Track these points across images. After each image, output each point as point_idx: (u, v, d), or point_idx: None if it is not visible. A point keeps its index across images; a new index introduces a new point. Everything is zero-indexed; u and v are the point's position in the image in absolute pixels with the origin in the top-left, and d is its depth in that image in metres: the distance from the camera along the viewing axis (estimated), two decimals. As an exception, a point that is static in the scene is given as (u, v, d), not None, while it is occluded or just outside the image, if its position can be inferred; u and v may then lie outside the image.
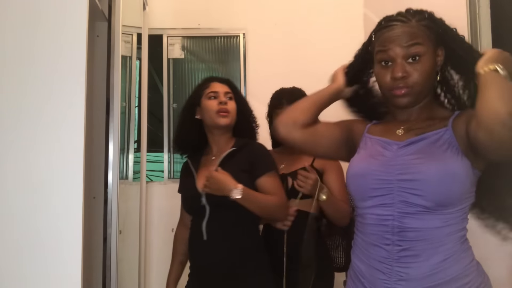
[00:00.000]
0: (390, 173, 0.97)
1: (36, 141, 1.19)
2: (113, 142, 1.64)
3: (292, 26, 2.86)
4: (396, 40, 0.97)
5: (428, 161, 0.93)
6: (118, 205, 1.64)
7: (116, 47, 1.65)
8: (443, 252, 0.92)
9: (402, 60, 0.97)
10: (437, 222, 0.93)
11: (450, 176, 0.91)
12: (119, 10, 1.69)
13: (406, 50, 0.96)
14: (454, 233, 0.94)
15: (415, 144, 0.98)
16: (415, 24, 0.98)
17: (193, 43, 2.96)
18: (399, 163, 0.96)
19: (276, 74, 2.84)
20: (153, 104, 3.00)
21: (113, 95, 1.63)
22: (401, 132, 1.02)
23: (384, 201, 0.97)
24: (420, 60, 0.96)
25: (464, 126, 0.93)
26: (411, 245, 0.93)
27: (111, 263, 1.64)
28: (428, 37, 0.98)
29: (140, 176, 2.55)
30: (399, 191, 0.95)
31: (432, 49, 0.98)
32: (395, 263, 0.94)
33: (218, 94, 1.60)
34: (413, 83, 0.96)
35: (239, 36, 2.91)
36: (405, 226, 0.94)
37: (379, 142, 1.04)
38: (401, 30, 0.98)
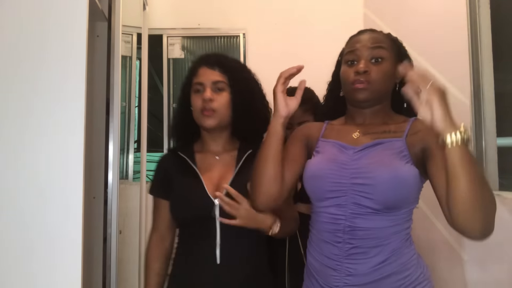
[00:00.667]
0: (345, 177, 1.03)
1: (36, 141, 1.19)
2: (113, 142, 1.64)
3: (292, 26, 2.86)
4: (363, 42, 1.09)
5: (380, 167, 0.99)
6: (118, 205, 1.64)
7: (116, 47, 1.65)
8: (389, 249, 1.00)
9: (367, 59, 1.07)
10: (385, 222, 1.00)
11: (400, 182, 0.97)
12: (119, 10, 1.68)
13: (371, 51, 1.07)
14: (399, 231, 1.02)
15: (369, 149, 1.04)
16: (382, 34, 1.12)
17: (193, 43, 2.96)
18: (354, 167, 1.03)
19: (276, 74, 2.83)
20: (153, 104, 3.00)
21: (113, 95, 1.63)
22: (357, 135, 1.09)
23: (338, 202, 1.04)
24: (382, 62, 1.06)
25: (419, 146, 1.00)
26: (361, 243, 1.01)
27: (111, 263, 1.64)
28: (392, 48, 1.09)
29: (140, 176, 2.55)
30: (352, 193, 1.02)
31: (394, 59, 1.08)
32: (344, 259, 1.01)
33: (204, 87, 1.29)
34: (373, 80, 1.04)
35: (239, 36, 2.91)
36: (356, 226, 1.01)
37: (336, 146, 1.10)
38: (369, 35, 1.11)
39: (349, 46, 1.14)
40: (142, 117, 2.57)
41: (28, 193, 1.18)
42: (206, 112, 1.26)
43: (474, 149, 1.65)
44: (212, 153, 1.34)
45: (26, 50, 1.21)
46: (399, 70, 0.93)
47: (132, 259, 2.46)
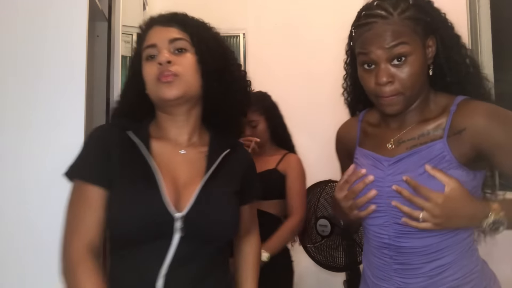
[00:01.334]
0: (382, 196, 0.91)
1: (36, 141, 1.19)
2: (113, 142, 1.64)
3: (292, 26, 2.86)
4: (377, 41, 0.86)
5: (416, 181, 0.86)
6: (118, 205, 1.64)
7: (116, 47, 1.65)
8: (442, 263, 0.89)
9: (386, 63, 0.86)
10: (433, 239, 0.89)
11: None
12: (119, 10, 1.68)
13: (389, 52, 0.85)
14: (455, 244, 0.90)
15: (404, 161, 0.90)
16: (398, 19, 0.86)
17: (193, 43, 2.96)
18: (389, 185, 0.90)
19: (276, 74, 2.84)
20: (153, 104, 3.00)
21: (113, 95, 1.63)
22: (391, 146, 0.94)
23: (379, 222, 0.94)
24: (407, 60, 0.85)
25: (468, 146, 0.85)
26: (408, 260, 0.91)
27: (111, 263, 1.64)
28: (414, 31, 0.86)
29: (140, 176, 2.54)
30: (393, 213, 0.91)
31: (420, 44, 0.87)
32: (393, 273, 0.93)
33: (158, 49, 0.94)
34: (401, 88, 0.86)
35: (239, 36, 2.90)
36: (401, 245, 0.91)
37: (370, 158, 0.97)
38: (382, 29, 0.85)
39: (360, 45, 0.91)
40: (142, 117, 2.56)
41: (28, 193, 1.18)
42: (163, 77, 0.90)
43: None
44: (174, 144, 0.97)
45: (27, 50, 1.21)
46: None
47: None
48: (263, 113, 1.70)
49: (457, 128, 0.86)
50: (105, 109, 1.80)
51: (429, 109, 0.93)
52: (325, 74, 2.89)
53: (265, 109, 1.70)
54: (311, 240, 2.03)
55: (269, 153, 1.74)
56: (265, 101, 1.74)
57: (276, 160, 1.70)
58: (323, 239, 1.95)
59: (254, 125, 1.69)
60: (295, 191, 1.64)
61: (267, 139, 1.73)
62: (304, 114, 2.82)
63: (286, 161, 1.68)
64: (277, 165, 1.68)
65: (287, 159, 1.69)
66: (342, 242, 1.93)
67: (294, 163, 1.67)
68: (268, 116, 1.70)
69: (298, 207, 1.63)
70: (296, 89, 2.83)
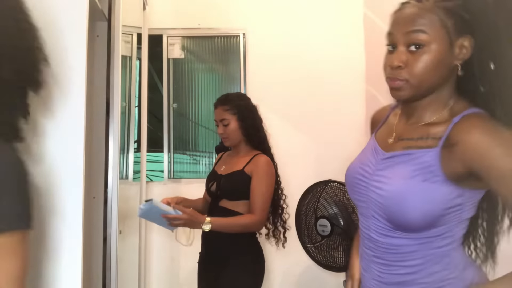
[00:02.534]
0: (368, 189, 0.94)
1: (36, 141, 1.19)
2: (113, 142, 1.64)
3: (292, 26, 2.86)
4: (401, 23, 0.85)
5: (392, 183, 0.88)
6: (118, 205, 1.64)
7: (116, 47, 1.65)
8: (411, 264, 0.90)
9: (404, 47, 0.85)
10: (404, 240, 0.89)
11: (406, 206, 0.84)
12: (119, 10, 1.68)
13: (406, 37, 0.84)
14: (424, 250, 0.89)
15: (394, 159, 0.91)
16: (430, 5, 0.83)
17: (193, 43, 2.96)
18: (375, 179, 0.93)
19: (276, 74, 2.84)
20: (153, 104, 3.00)
21: (113, 95, 1.63)
22: (391, 141, 0.95)
23: (363, 212, 0.97)
24: (424, 50, 0.83)
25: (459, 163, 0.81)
26: (382, 255, 0.93)
27: (111, 263, 1.64)
28: (441, 24, 0.82)
29: (140, 176, 2.55)
30: (372, 207, 0.93)
31: (446, 40, 0.83)
32: (372, 264, 0.96)
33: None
34: (409, 75, 0.84)
35: (239, 36, 2.91)
36: (378, 239, 0.93)
37: (373, 145, 0.99)
38: (409, 11, 0.84)
39: (390, 25, 0.90)
40: (142, 117, 2.57)
41: (28, 193, 1.18)
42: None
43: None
44: None
45: (26, 50, 1.21)
46: None
47: (132, 259, 2.46)
48: (236, 113, 1.77)
49: (451, 141, 0.83)
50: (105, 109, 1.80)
51: (441, 113, 0.90)
52: (325, 74, 2.90)
53: (238, 110, 1.77)
54: (311, 240, 2.03)
55: (242, 153, 1.81)
56: (240, 102, 1.80)
57: (245, 161, 1.76)
58: (323, 239, 1.95)
59: (226, 124, 1.76)
60: (257, 192, 1.69)
61: (239, 138, 1.79)
62: (304, 114, 2.82)
63: (254, 162, 1.74)
64: (244, 166, 1.75)
65: (255, 160, 1.75)
66: (342, 242, 1.93)
67: (261, 164, 1.73)
68: (240, 116, 1.77)
69: (257, 208, 1.68)
70: (296, 89, 2.83)
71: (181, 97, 2.94)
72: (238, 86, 2.93)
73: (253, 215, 1.68)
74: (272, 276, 2.64)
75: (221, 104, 1.79)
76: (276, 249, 1.89)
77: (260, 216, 1.69)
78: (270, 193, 1.74)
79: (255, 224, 1.71)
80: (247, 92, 2.85)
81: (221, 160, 1.92)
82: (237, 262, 1.71)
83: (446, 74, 0.86)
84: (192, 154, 2.98)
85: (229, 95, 1.84)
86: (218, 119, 1.79)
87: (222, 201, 1.75)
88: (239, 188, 1.73)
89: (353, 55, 2.79)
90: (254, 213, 1.68)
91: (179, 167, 2.95)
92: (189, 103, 2.95)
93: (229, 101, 1.78)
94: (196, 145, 2.97)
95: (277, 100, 2.83)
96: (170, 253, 2.74)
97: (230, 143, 1.82)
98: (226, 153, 1.93)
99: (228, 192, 1.74)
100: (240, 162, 1.78)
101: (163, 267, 2.74)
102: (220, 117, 1.78)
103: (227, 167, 1.81)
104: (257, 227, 1.74)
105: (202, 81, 2.97)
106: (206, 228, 1.61)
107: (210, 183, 1.83)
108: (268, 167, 1.74)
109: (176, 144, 2.93)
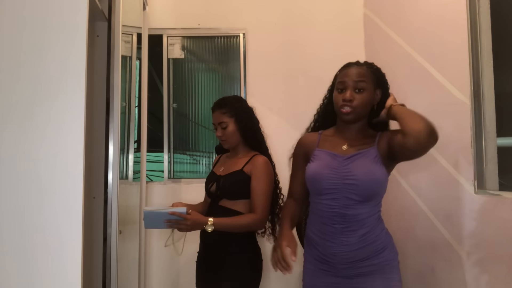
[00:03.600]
0: (338, 178, 1.43)
1: (36, 141, 1.19)
2: (113, 142, 1.64)
3: (292, 26, 2.86)
4: (351, 75, 1.44)
5: (362, 171, 1.40)
6: (118, 205, 1.64)
7: (116, 47, 1.65)
8: (367, 227, 1.42)
9: (352, 89, 1.43)
10: (365, 209, 1.42)
11: (375, 181, 1.40)
12: (119, 10, 1.69)
13: (355, 84, 1.43)
14: (373, 214, 1.44)
15: (354, 157, 1.44)
16: (365, 69, 1.46)
17: (193, 43, 2.96)
18: (344, 171, 1.43)
19: (276, 74, 2.84)
20: (153, 104, 3.00)
21: (113, 95, 1.63)
22: (345, 148, 1.48)
23: (333, 196, 1.43)
24: (363, 92, 1.43)
25: (386, 143, 1.42)
26: (350, 224, 1.41)
27: (111, 263, 1.64)
28: (372, 79, 1.45)
29: (140, 176, 2.55)
30: (344, 190, 1.41)
31: (373, 88, 1.45)
32: (339, 235, 1.42)
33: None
34: (355, 105, 1.42)
35: (239, 36, 2.91)
36: (346, 213, 1.41)
37: (330, 154, 1.49)
38: (356, 69, 1.45)
39: (340, 76, 1.49)
40: (142, 117, 2.58)
41: (28, 193, 1.18)
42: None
43: (474, 149, 1.65)
44: None
45: (27, 50, 1.21)
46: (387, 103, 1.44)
47: (132, 259, 2.46)
48: (233, 115, 1.80)
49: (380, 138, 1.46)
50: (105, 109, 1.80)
51: (366, 132, 1.51)
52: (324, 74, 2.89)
53: (235, 112, 1.81)
54: (311, 240, 2.03)
55: (241, 154, 1.85)
56: (236, 105, 1.83)
57: (244, 162, 1.79)
58: (323, 239, 1.96)
59: (224, 127, 1.80)
60: (257, 191, 1.73)
61: (238, 140, 1.83)
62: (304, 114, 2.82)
63: (252, 162, 1.77)
64: (243, 166, 1.78)
65: (254, 160, 1.78)
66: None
67: (259, 165, 1.76)
68: (238, 119, 1.81)
69: (258, 207, 1.71)
70: (296, 89, 2.83)
71: (181, 97, 2.94)
72: (238, 86, 2.93)
73: (254, 214, 1.71)
74: (272, 275, 2.64)
75: (218, 107, 1.81)
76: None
77: (262, 215, 1.72)
78: (270, 192, 1.77)
79: (257, 223, 1.73)
80: (247, 92, 2.86)
81: (219, 162, 1.93)
82: (235, 260, 1.72)
83: (368, 108, 1.47)
84: (192, 154, 2.98)
85: (225, 98, 1.87)
86: (216, 122, 1.82)
87: (222, 201, 1.77)
88: (238, 187, 1.75)
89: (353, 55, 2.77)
90: (255, 212, 1.71)
91: (179, 167, 2.95)
92: (189, 103, 2.95)
93: (226, 104, 1.80)
94: (196, 145, 2.97)
95: (277, 100, 2.83)
96: (170, 253, 2.74)
97: (229, 145, 1.84)
98: (224, 155, 1.94)
99: (228, 191, 1.76)
100: (239, 163, 1.80)
101: (163, 267, 2.74)
102: (218, 120, 1.81)
103: (225, 168, 1.83)
104: (258, 226, 1.76)
105: (202, 81, 2.97)
106: (209, 229, 1.64)
107: (209, 184, 1.84)
108: (267, 167, 1.77)
109: (176, 144, 2.93)
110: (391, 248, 1.48)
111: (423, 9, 2.08)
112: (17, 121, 1.20)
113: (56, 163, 1.20)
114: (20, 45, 1.21)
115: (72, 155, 1.20)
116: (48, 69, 1.21)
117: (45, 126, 1.20)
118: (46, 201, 1.18)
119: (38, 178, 1.19)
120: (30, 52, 1.21)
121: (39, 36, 1.22)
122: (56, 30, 1.22)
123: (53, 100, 1.21)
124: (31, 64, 1.21)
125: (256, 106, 1.94)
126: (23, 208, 1.18)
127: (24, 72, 1.21)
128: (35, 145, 1.19)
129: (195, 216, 1.65)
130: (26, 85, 1.20)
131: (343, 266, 1.43)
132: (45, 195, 1.19)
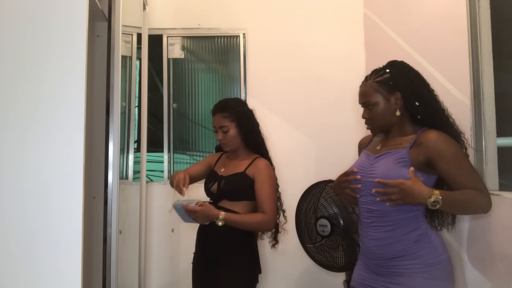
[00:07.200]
0: (366, 176, 1.49)
1: (36, 141, 1.19)
2: (113, 142, 1.64)
3: (292, 26, 2.86)
4: (360, 96, 1.53)
5: (381, 169, 1.44)
6: (118, 205, 1.64)
7: (116, 47, 1.65)
8: (394, 224, 1.43)
9: (365, 107, 1.52)
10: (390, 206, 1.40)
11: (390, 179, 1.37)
12: (119, 10, 1.69)
13: (363, 104, 1.52)
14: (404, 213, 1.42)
15: (382, 157, 1.48)
16: (370, 83, 1.49)
17: (193, 43, 2.96)
18: (370, 170, 1.49)
19: (276, 74, 2.84)
20: (153, 104, 3.01)
21: (113, 95, 1.63)
22: (379, 148, 1.53)
23: (362, 193, 1.50)
24: (373, 108, 1.48)
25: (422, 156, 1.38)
26: (376, 219, 1.47)
27: (111, 263, 1.64)
28: (378, 91, 1.47)
29: (140, 176, 2.55)
30: (369, 187, 1.46)
31: (384, 98, 1.46)
32: (369, 228, 1.49)
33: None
34: (371, 122, 1.52)
35: (239, 36, 2.91)
36: (372, 208, 1.47)
37: (366, 154, 1.57)
38: (360, 90, 1.53)
39: None
40: (142, 117, 2.58)
41: (28, 193, 1.18)
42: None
43: (474, 149, 1.65)
44: None
45: (26, 50, 1.21)
46: None
47: (132, 259, 2.47)
48: (234, 119, 1.80)
49: (418, 143, 1.42)
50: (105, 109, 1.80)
51: (404, 132, 1.50)
52: (324, 74, 2.90)
53: (236, 116, 1.80)
54: (311, 240, 2.03)
55: (242, 157, 1.85)
56: (237, 108, 1.83)
57: (246, 164, 1.79)
58: (323, 239, 1.95)
59: (226, 131, 1.79)
60: (263, 193, 1.74)
61: (238, 144, 1.83)
62: (304, 114, 2.82)
63: (254, 165, 1.78)
64: (246, 169, 1.78)
65: (256, 163, 1.79)
66: (342, 242, 1.93)
67: (261, 167, 1.77)
68: (239, 123, 1.80)
69: (267, 208, 1.72)
70: (296, 89, 2.83)
71: (181, 97, 2.94)
72: (238, 86, 2.93)
73: (264, 214, 1.72)
74: (271, 275, 2.64)
75: (220, 111, 1.80)
76: (276, 249, 1.90)
77: (271, 216, 1.73)
78: (275, 193, 1.80)
79: (267, 223, 1.74)
80: (247, 92, 2.86)
81: (220, 161, 1.92)
82: (232, 261, 1.72)
83: (392, 116, 1.48)
84: (192, 154, 2.98)
85: (227, 101, 1.85)
86: (217, 125, 1.81)
87: (222, 201, 1.77)
88: (241, 189, 1.75)
89: (353, 55, 2.79)
90: (266, 214, 1.72)
91: (179, 167, 2.95)
92: (189, 103, 2.95)
93: (228, 108, 1.79)
94: (196, 145, 2.97)
95: (277, 100, 2.83)
96: (170, 252, 2.74)
97: (229, 149, 1.84)
98: (224, 155, 1.94)
99: (229, 193, 1.76)
100: (240, 165, 1.80)
101: (163, 267, 2.74)
102: (219, 124, 1.80)
103: (227, 169, 1.83)
104: (268, 226, 1.77)
105: (202, 81, 2.97)
106: (220, 223, 1.67)
107: (210, 183, 1.83)
108: (269, 170, 1.79)
109: (176, 144, 2.93)
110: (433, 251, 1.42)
111: (423, 9, 2.08)
112: (17, 121, 1.19)
113: (56, 163, 1.19)
114: (20, 45, 1.21)
115: (72, 155, 1.20)
116: (48, 69, 1.21)
117: (45, 126, 1.20)
118: (46, 201, 1.18)
119: (38, 178, 1.19)
120: (30, 52, 1.21)
121: (39, 36, 1.22)
122: (56, 30, 1.22)
123: (53, 100, 1.21)
124: (31, 64, 1.21)
125: (256, 106, 1.94)
126: (23, 208, 1.18)
127: (24, 72, 1.21)
128: (35, 145, 1.19)
129: (206, 209, 1.67)
130: (26, 85, 1.20)
131: (376, 261, 1.47)
132: (45, 195, 1.18)
